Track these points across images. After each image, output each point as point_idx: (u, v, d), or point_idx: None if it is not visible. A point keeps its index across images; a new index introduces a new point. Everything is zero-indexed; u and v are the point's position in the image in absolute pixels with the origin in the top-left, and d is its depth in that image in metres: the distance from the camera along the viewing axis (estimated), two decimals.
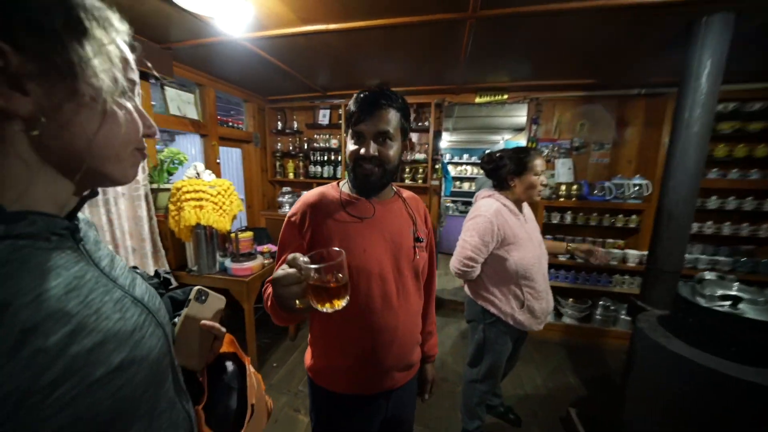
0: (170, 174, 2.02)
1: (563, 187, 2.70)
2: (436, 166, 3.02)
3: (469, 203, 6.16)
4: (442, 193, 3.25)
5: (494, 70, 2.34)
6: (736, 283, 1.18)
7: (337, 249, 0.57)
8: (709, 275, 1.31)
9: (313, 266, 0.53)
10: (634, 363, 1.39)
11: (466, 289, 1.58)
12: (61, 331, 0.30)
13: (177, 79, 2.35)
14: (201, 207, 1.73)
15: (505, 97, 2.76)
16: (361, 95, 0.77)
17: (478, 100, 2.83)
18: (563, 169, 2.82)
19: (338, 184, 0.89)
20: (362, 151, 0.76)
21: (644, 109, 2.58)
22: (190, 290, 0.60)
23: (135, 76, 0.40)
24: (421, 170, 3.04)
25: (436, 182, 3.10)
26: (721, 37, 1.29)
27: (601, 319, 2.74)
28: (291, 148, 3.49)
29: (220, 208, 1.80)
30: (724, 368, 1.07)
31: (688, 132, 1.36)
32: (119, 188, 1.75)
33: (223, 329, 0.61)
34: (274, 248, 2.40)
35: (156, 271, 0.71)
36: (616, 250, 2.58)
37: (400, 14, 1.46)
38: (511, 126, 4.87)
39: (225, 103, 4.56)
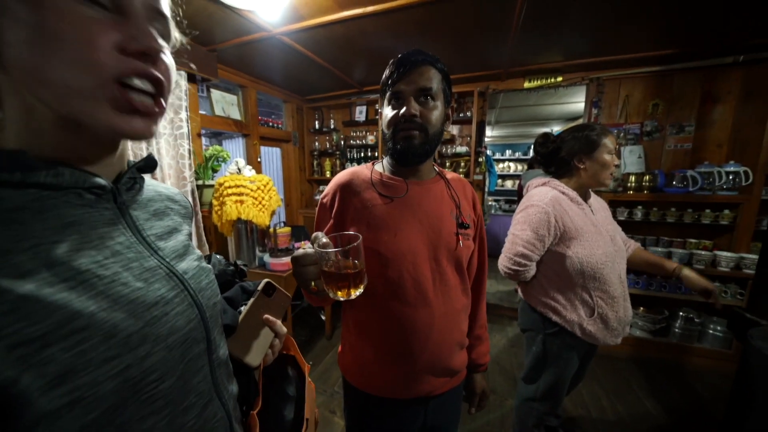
0: (214, 171, 2.09)
1: (632, 179, 2.34)
2: (480, 159, 2.81)
3: (513, 201, 5.76)
4: (486, 189, 3.02)
5: (547, 47, 2.09)
6: None
7: (353, 233, 0.55)
8: None
9: (326, 250, 0.51)
10: (750, 389, 1.09)
11: (520, 293, 1.38)
12: (59, 285, 0.28)
13: (221, 81, 2.45)
14: (241, 202, 1.75)
15: (560, 79, 2.47)
16: (398, 55, 0.70)
17: (527, 85, 2.57)
18: (632, 158, 2.45)
19: (373, 164, 0.82)
20: (402, 111, 0.67)
21: (741, 80, 2.13)
22: (260, 282, 0.59)
23: None
24: (463, 164, 2.85)
25: (480, 176, 2.88)
26: None
27: (682, 333, 2.32)
28: (328, 146, 3.50)
29: (260, 203, 1.81)
30: None
31: None
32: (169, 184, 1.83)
33: (284, 329, 0.58)
34: None
35: (235, 262, 0.70)
36: (702, 252, 2.17)
37: None
38: (562, 115, 4.45)
39: (266, 105, 4.74)
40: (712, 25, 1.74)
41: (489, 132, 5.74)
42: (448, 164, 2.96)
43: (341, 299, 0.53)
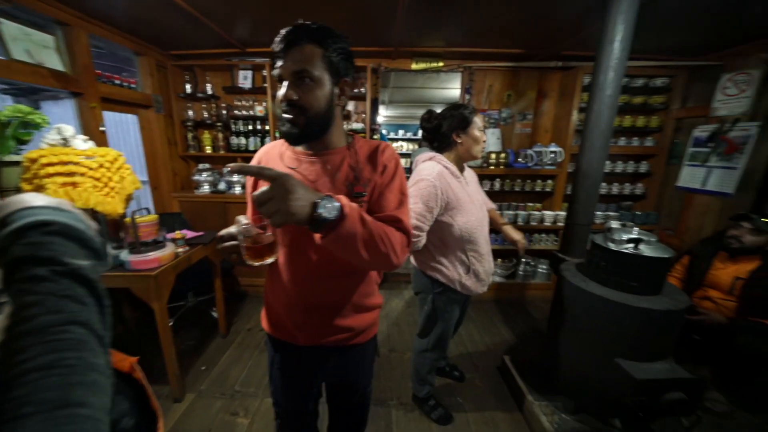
0: (22, 143, 1.49)
1: (493, 156, 2.86)
2: (375, 137, 2.90)
3: (407, 177, 6.27)
4: None
5: (431, 31, 2.26)
6: (636, 228, 1.37)
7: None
8: (615, 224, 1.50)
9: (242, 227, 0.64)
10: (560, 307, 1.55)
11: (412, 260, 1.54)
12: None
13: (18, 9, 1.72)
14: (74, 184, 1.31)
15: (441, 64, 2.74)
16: (282, 31, 0.69)
17: (414, 66, 2.75)
18: (492, 139, 2.98)
19: None
20: (279, 95, 0.70)
21: (559, 81, 2.83)
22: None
23: None
24: None
25: None
26: (631, 3, 1.41)
27: (524, 274, 3.09)
28: (206, 115, 2.97)
29: (106, 185, 1.40)
30: (628, 301, 1.25)
31: (603, 95, 1.50)
32: None
33: None
34: (190, 234, 2.03)
35: None
36: (536, 212, 2.88)
37: None
38: (443, 100, 4.96)
39: (109, 57, 3.65)
40: (543, 34, 2.22)
41: (384, 111, 5.96)
42: None
43: (255, 265, 0.66)
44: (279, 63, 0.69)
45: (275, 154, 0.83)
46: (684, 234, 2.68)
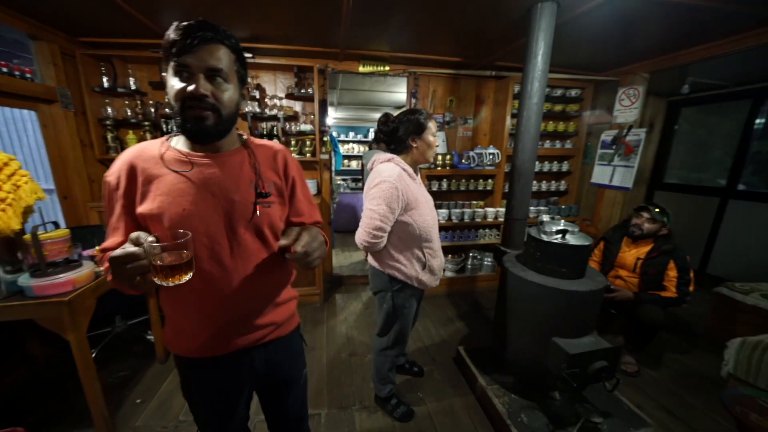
0: None
1: (440, 158, 3.01)
2: (325, 139, 2.85)
3: (359, 179, 6.27)
4: (333, 168, 3.13)
5: (377, 36, 2.30)
6: (562, 220, 1.57)
7: (182, 231, 0.61)
8: (545, 218, 1.68)
9: (158, 245, 0.58)
10: (504, 296, 1.70)
11: (370, 260, 1.55)
12: None
13: None
14: None
15: (387, 68, 2.80)
16: (184, 22, 0.64)
17: (361, 69, 2.77)
18: (438, 141, 3.13)
19: (168, 138, 0.79)
20: (191, 87, 0.64)
21: (494, 89, 3.10)
22: None
23: None
24: (308, 143, 2.81)
25: (326, 156, 2.94)
26: (549, 23, 1.60)
27: (472, 267, 3.31)
28: (130, 113, 2.62)
29: None
30: (560, 285, 1.41)
31: (530, 102, 1.69)
32: None
33: None
34: None
35: None
36: (479, 209, 3.11)
37: None
38: (391, 102, 5.10)
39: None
40: (478, 45, 2.41)
41: (333, 113, 5.89)
42: (293, 142, 2.85)
43: (171, 285, 0.60)
44: (187, 54, 0.63)
45: (151, 156, 0.73)
46: (599, 223, 3.13)
